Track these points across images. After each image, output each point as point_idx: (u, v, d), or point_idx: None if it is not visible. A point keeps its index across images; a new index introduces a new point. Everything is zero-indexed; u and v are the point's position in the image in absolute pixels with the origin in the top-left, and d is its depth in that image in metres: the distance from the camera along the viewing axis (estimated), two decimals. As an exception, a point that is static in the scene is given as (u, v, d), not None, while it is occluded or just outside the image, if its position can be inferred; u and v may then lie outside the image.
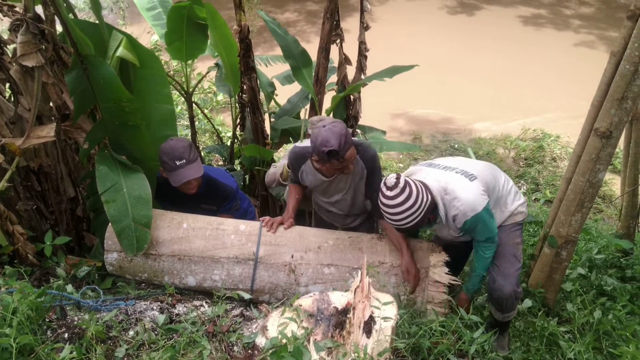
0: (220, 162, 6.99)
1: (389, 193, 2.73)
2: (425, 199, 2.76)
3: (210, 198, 3.50)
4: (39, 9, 3.06)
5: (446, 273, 3.16)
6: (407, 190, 2.72)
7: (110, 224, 3.10)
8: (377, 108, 8.46)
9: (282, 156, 6.29)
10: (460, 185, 2.91)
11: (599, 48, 12.26)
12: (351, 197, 3.43)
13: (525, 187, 7.80)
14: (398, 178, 2.73)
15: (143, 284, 3.25)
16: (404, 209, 2.72)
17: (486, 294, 3.47)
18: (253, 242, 3.19)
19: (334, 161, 2.96)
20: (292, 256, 3.19)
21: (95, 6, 3.25)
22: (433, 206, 2.84)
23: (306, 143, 4.36)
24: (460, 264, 3.78)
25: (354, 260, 3.18)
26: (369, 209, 3.56)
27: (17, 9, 3.01)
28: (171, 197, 3.46)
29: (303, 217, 4.17)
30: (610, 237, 4.66)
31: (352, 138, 3.19)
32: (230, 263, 3.15)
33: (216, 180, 3.52)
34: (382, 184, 2.78)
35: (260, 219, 3.35)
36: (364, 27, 5.16)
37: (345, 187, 3.36)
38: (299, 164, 3.34)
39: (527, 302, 3.27)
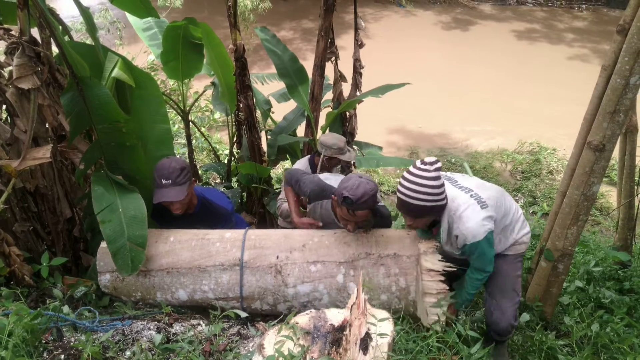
0: (218, 180, 7.01)
1: (421, 166, 2.72)
2: (442, 198, 2.77)
3: (204, 219, 3.49)
4: (35, 32, 3.09)
5: (440, 260, 3.04)
6: (438, 177, 2.72)
7: (101, 246, 3.13)
8: (373, 124, 8.53)
9: (280, 174, 6.30)
10: (470, 210, 2.86)
11: (593, 61, 12.37)
12: None
13: (522, 201, 7.82)
14: (437, 161, 2.73)
15: (140, 303, 3.24)
16: (427, 185, 2.70)
17: (483, 309, 3.46)
18: (237, 248, 3.18)
19: (344, 208, 2.98)
20: (277, 257, 3.16)
21: (91, 28, 3.30)
22: (441, 212, 2.85)
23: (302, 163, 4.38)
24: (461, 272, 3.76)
25: (340, 254, 3.14)
26: None
27: (13, 32, 3.04)
28: (167, 218, 3.47)
29: None
30: (608, 250, 4.66)
31: (379, 206, 3.27)
32: (217, 271, 3.14)
33: (211, 201, 3.52)
34: (417, 161, 2.77)
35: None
36: (359, 44, 5.22)
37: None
38: (319, 197, 3.41)
39: (525, 316, 3.27)
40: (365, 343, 2.28)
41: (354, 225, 3.12)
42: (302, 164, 4.40)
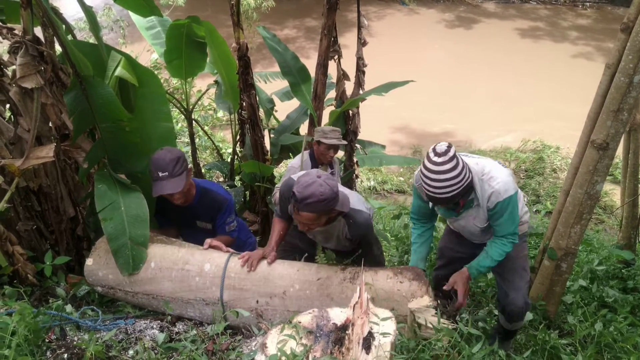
0: (221, 179, 7.01)
1: (437, 159, 2.67)
2: (467, 175, 2.73)
3: (204, 210, 3.47)
4: (38, 31, 3.09)
5: (433, 315, 2.74)
6: (455, 160, 2.67)
7: (86, 263, 3.13)
8: (376, 122, 8.53)
9: (283, 172, 6.31)
10: (497, 168, 2.91)
11: (597, 59, 12.33)
12: (335, 246, 3.32)
13: (526, 199, 7.79)
14: (449, 147, 2.68)
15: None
16: (449, 178, 2.66)
17: (487, 308, 3.46)
18: (217, 286, 3.01)
19: (293, 205, 2.81)
20: (257, 301, 2.99)
21: (94, 27, 3.29)
22: (470, 185, 2.80)
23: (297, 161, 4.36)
24: None
25: (322, 307, 2.75)
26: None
27: (16, 31, 3.04)
28: (167, 212, 3.46)
29: None
30: (612, 248, 4.65)
31: (353, 208, 2.95)
32: (200, 304, 3.05)
33: (210, 189, 3.47)
34: (430, 150, 2.72)
35: (240, 255, 3.12)
36: (362, 42, 5.21)
37: (325, 240, 3.28)
38: (289, 196, 2.93)
39: (528, 315, 3.26)
40: (367, 342, 2.28)
41: (302, 227, 2.90)
42: (304, 157, 4.40)
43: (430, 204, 3.03)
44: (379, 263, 3.41)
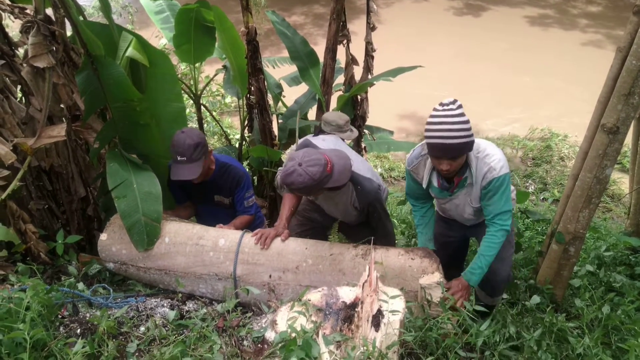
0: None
1: (445, 106, 2.67)
2: (472, 133, 2.74)
3: (222, 183, 3.49)
4: (49, 11, 3.11)
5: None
6: (462, 110, 2.69)
7: (100, 238, 3.17)
8: (385, 109, 8.51)
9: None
10: (492, 147, 2.92)
11: (607, 47, 12.22)
12: (342, 215, 3.43)
13: (533, 187, 7.79)
14: (456, 100, 2.69)
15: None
16: (460, 121, 2.65)
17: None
18: (230, 261, 3.07)
19: None
20: (270, 276, 3.04)
21: (105, 7, 3.30)
22: (471, 149, 2.79)
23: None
24: (459, 262, 3.78)
25: (334, 282, 2.93)
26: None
27: (28, 11, 3.06)
28: (187, 186, 3.48)
29: None
30: (619, 235, 4.65)
31: (361, 175, 3.11)
32: (213, 279, 3.08)
33: (228, 164, 3.52)
34: (437, 105, 2.72)
35: (253, 233, 3.18)
36: (371, 27, 5.19)
37: (332, 209, 3.34)
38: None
39: (535, 299, 3.26)
40: (377, 320, 2.30)
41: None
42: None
43: (425, 184, 3.03)
44: (390, 236, 3.43)
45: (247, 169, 5.70)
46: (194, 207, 3.77)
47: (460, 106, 2.68)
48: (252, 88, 4.89)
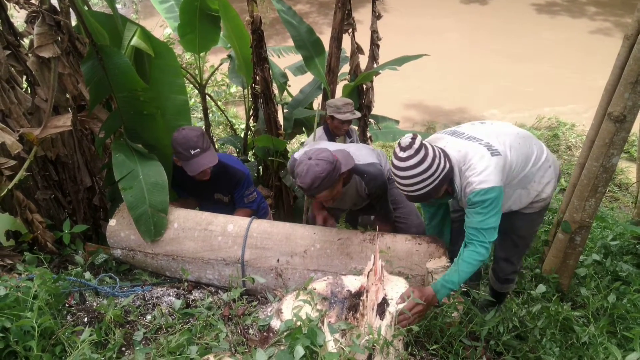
0: (234, 154, 7.04)
1: (401, 154, 2.45)
2: (442, 166, 2.50)
3: (221, 183, 3.51)
4: (54, 1, 3.11)
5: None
6: (422, 152, 2.44)
7: (109, 224, 3.18)
8: (390, 98, 8.48)
9: (296, 148, 6.30)
10: (480, 156, 2.58)
11: (615, 35, 12.11)
12: (352, 205, 3.44)
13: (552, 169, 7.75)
14: (414, 138, 2.45)
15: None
16: (416, 174, 2.45)
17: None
18: (239, 246, 3.08)
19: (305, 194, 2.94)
20: (278, 260, 3.05)
21: (110, -3, 3.30)
22: (450, 175, 2.57)
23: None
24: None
25: (342, 266, 2.99)
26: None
27: (33, 1, 3.06)
28: (185, 186, 3.50)
29: None
30: (626, 224, 4.63)
31: (363, 162, 3.06)
32: (220, 265, 3.10)
33: (226, 164, 3.52)
34: (396, 145, 2.50)
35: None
36: (376, 15, 5.16)
37: (341, 203, 3.34)
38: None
39: (541, 288, 3.26)
40: (382, 308, 2.31)
41: (327, 203, 3.08)
42: (318, 133, 4.45)
43: None
44: (391, 214, 3.44)
45: (253, 159, 5.71)
46: (196, 202, 3.79)
47: (419, 148, 2.45)
48: (257, 77, 4.88)
